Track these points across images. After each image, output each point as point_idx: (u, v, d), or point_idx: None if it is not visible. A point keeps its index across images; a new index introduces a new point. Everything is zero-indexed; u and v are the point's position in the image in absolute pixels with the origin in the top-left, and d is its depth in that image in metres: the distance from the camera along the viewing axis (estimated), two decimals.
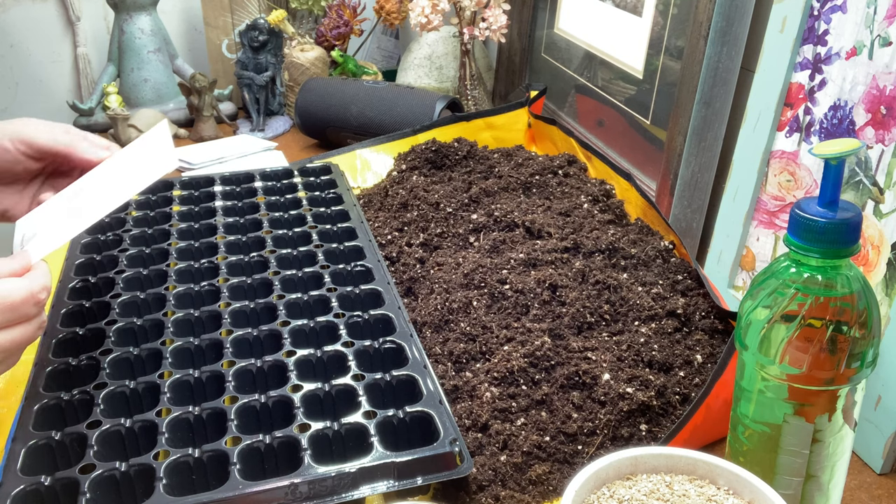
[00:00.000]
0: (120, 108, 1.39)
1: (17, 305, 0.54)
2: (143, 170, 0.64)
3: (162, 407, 0.62)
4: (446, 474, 0.57)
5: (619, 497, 0.51)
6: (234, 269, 0.81)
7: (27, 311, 0.55)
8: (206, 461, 0.57)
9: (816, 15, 0.75)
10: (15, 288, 0.54)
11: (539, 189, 0.97)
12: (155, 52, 1.46)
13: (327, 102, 1.28)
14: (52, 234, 0.61)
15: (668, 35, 0.98)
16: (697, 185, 0.92)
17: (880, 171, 0.68)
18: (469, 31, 1.29)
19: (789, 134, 0.78)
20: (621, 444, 0.64)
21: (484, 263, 0.80)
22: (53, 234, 0.61)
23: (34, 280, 0.56)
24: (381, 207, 0.97)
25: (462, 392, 0.68)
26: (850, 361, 0.49)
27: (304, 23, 1.56)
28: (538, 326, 0.72)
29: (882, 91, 0.68)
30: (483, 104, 1.38)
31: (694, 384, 0.69)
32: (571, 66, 1.25)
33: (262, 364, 0.66)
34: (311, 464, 0.56)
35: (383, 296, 0.75)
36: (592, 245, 0.83)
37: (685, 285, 0.78)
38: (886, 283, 0.66)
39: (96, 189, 0.65)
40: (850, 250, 0.49)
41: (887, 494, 0.64)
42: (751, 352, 0.52)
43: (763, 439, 0.53)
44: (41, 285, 0.56)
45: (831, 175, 0.48)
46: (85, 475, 0.55)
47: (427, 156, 1.04)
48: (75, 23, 1.57)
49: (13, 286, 0.54)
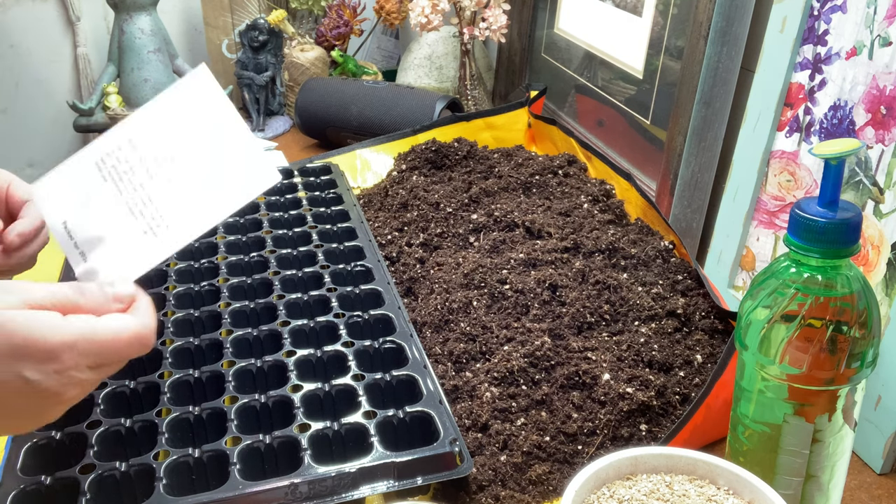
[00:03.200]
0: (120, 108, 1.39)
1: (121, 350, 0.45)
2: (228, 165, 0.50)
3: (162, 407, 0.62)
4: (446, 474, 0.57)
5: (619, 497, 0.51)
6: (234, 269, 0.81)
7: (130, 355, 0.45)
8: (206, 461, 0.57)
9: (816, 15, 0.75)
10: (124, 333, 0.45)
11: (539, 189, 0.97)
12: (155, 52, 1.45)
13: (327, 102, 1.28)
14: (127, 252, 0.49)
15: (668, 35, 0.98)
16: (697, 185, 0.92)
17: (880, 171, 0.68)
18: (469, 31, 1.29)
19: (789, 134, 0.78)
20: (621, 444, 0.64)
21: (484, 263, 0.80)
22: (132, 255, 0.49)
23: (145, 319, 0.46)
24: (381, 207, 0.97)
25: (462, 392, 0.68)
26: (850, 361, 0.49)
27: (304, 23, 1.56)
28: (538, 326, 0.72)
29: (882, 91, 0.68)
30: (483, 104, 1.38)
31: (694, 384, 0.69)
32: (571, 66, 1.25)
33: (262, 364, 0.66)
34: (311, 464, 0.56)
35: (383, 296, 0.75)
36: (592, 245, 0.83)
37: (685, 285, 0.78)
38: (886, 283, 0.66)
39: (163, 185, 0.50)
40: (850, 250, 0.49)
41: (887, 494, 0.64)
42: (751, 352, 0.52)
43: (763, 439, 0.53)
44: (151, 328, 0.46)
45: (831, 175, 0.48)
46: (85, 475, 0.55)
47: (427, 156, 1.04)
48: (75, 23, 1.57)
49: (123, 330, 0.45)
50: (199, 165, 0.50)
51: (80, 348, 0.43)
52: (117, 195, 0.51)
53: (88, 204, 0.51)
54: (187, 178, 0.50)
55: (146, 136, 0.51)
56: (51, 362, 0.43)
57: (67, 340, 0.43)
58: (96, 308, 0.45)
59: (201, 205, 0.49)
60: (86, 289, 0.46)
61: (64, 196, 0.52)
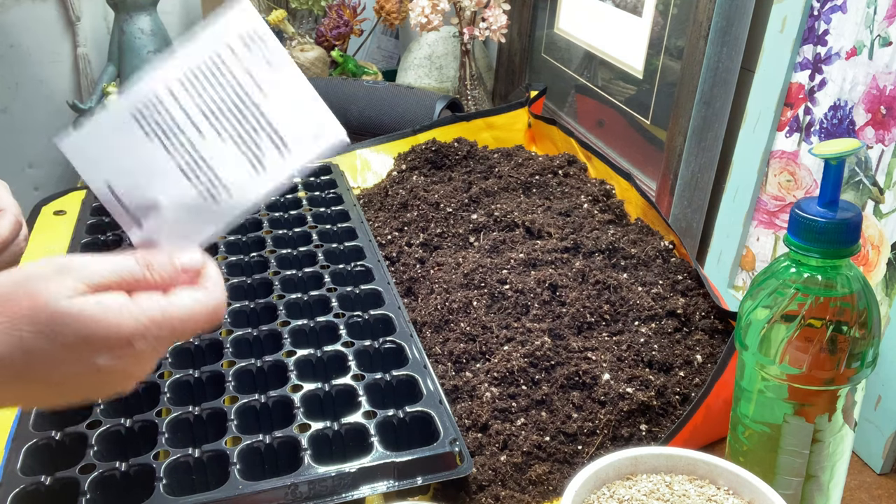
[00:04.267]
0: None
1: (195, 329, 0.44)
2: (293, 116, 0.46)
3: (162, 407, 0.62)
4: (446, 474, 0.57)
5: (619, 497, 0.51)
6: (234, 269, 0.81)
7: (203, 331, 0.45)
8: (206, 461, 0.57)
9: (816, 15, 0.75)
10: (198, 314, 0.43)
11: (539, 189, 0.97)
12: (155, 52, 1.45)
13: (327, 102, 1.26)
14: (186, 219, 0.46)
15: (668, 35, 0.98)
16: (697, 185, 0.92)
17: (880, 171, 0.68)
18: (469, 31, 1.29)
19: (789, 134, 0.78)
20: (621, 444, 0.64)
21: (484, 263, 0.80)
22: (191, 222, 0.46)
23: (216, 293, 0.45)
24: (381, 207, 0.97)
25: (462, 392, 0.68)
26: (850, 361, 0.49)
27: (304, 23, 1.56)
28: (538, 326, 0.72)
29: (882, 91, 0.68)
30: (483, 104, 1.38)
31: (694, 384, 0.69)
32: (571, 66, 1.25)
33: (262, 364, 0.66)
34: (311, 464, 0.56)
35: (383, 296, 0.75)
36: (592, 245, 0.83)
37: (685, 285, 0.78)
38: (886, 283, 0.66)
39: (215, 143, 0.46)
40: (850, 250, 0.49)
41: (887, 494, 0.64)
42: (751, 352, 0.52)
43: (763, 439, 0.53)
44: (222, 301, 0.45)
45: (831, 175, 0.48)
46: (85, 475, 0.55)
47: (427, 156, 1.04)
48: (75, 23, 1.57)
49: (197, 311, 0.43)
50: (254, 117, 0.46)
51: (154, 334, 0.42)
52: (166, 156, 0.46)
53: (135, 165, 0.46)
54: (242, 134, 0.46)
55: (187, 84, 0.46)
56: (124, 349, 0.42)
57: (140, 329, 0.42)
58: (164, 281, 0.44)
59: (261, 164, 0.45)
60: (152, 261, 0.44)
61: (104, 154, 0.46)
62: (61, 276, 0.41)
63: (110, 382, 0.44)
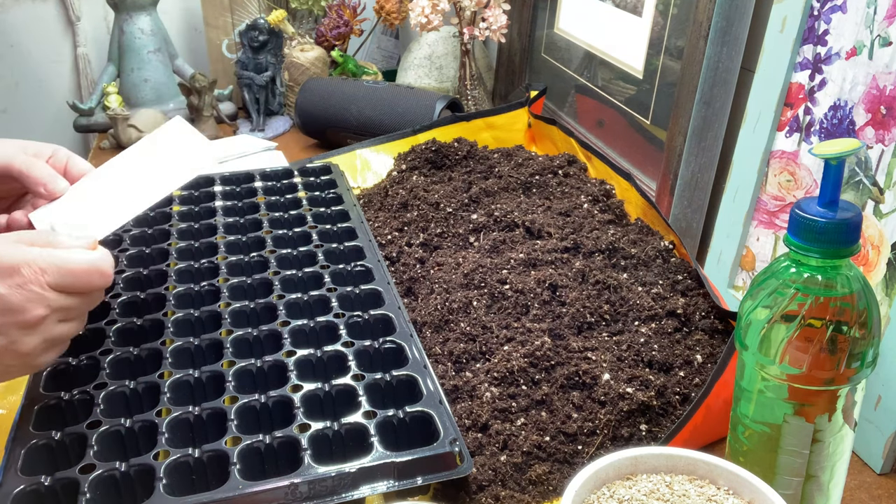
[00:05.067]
0: (120, 108, 1.39)
1: (79, 273, 0.54)
2: (180, 162, 0.66)
3: (162, 407, 0.62)
4: (446, 474, 0.57)
5: (619, 497, 0.51)
6: (234, 269, 0.80)
7: (91, 282, 0.55)
8: (206, 461, 0.57)
9: (816, 15, 0.75)
10: (82, 258, 0.54)
11: (539, 189, 0.97)
12: (155, 52, 1.46)
13: (327, 102, 1.28)
14: (101, 219, 0.62)
15: (668, 35, 0.98)
16: (697, 185, 0.92)
17: (880, 171, 0.68)
18: (469, 31, 1.29)
19: (789, 134, 0.78)
20: (621, 444, 0.64)
21: (484, 263, 0.80)
22: (104, 220, 0.62)
23: (102, 254, 0.56)
24: (381, 207, 0.97)
25: (462, 392, 0.68)
26: (850, 361, 0.49)
27: (304, 23, 1.56)
28: (538, 326, 0.72)
29: (882, 91, 0.68)
30: (483, 104, 1.38)
31: (694, 384, 0.69)
32: (571, 66, 1.25)
33: (262, 364, 0.66)
34: (311, 464, 0.56)
35: (383, 296, 0.75)
36: (592, 245, 0.83)
37: (685, 285, 0.78)
38: (886, 283, 0.66)
39: (132, 179, 0.66)
40: (850, 250, 0.49)
41: (887, 494, 0.64)
42: (751, 352, 0.52)
43: (763, 439, 0.53)
44: (108, 262, 0.56)
45: (831, 175, 0.48)
46: (85, 475, 0.55)
47: (427, 156, 1.04)
48: (75, 23, 1.57)
49: (80, 256, 0.55)
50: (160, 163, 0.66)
51: (39, 263, 0.52)
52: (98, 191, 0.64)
53: (72, 207, 0.63)
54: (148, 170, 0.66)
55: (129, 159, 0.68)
56: (12, 276, 0.51)
57: (27, 257, 0.52)
58: (62, 245, 0.55)
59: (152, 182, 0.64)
60: (54, 232, 0.57)
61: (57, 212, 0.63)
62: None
63: (8, 322, 0.51)
